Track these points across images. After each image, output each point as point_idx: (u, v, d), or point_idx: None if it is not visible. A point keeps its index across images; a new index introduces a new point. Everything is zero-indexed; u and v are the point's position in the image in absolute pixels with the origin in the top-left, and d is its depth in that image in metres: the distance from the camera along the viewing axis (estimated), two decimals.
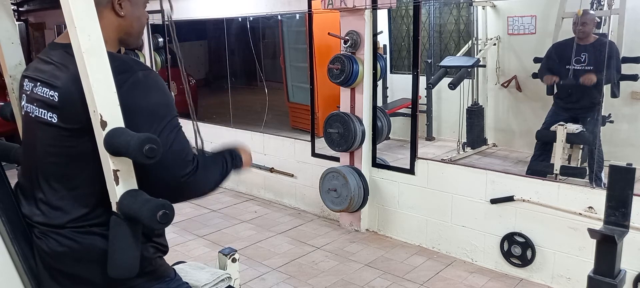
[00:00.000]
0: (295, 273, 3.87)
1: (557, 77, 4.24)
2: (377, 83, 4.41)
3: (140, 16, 1.54)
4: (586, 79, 4.04)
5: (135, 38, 1.56)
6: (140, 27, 1.56)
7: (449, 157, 5.20)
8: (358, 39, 4.23)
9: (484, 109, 5.82)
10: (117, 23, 1.47)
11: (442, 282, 3.71)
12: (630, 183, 1.88)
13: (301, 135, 5.40)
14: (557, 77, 4.23)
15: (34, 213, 1.50)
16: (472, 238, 3.94)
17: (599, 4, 4.43)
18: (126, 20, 1.49)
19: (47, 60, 1.46)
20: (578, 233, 3.38)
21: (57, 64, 1.43)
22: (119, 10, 1.46)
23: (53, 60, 1.45)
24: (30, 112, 1.48)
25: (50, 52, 1.48)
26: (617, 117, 4.48)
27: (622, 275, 1.93)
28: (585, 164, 4.14)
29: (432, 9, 6.13)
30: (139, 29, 1.56)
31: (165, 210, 1.31)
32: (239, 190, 5.86)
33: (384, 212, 4.49)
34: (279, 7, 5.21)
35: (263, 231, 4.70)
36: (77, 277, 1.49)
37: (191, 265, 1.98)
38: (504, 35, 5.61)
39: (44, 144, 1.46)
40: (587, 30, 4.08)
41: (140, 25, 1.55)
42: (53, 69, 1.43)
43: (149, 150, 1.26)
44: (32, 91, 1.46)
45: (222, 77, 6.40)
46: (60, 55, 1.44)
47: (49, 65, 1.45)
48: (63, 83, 1.39)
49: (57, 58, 1.44)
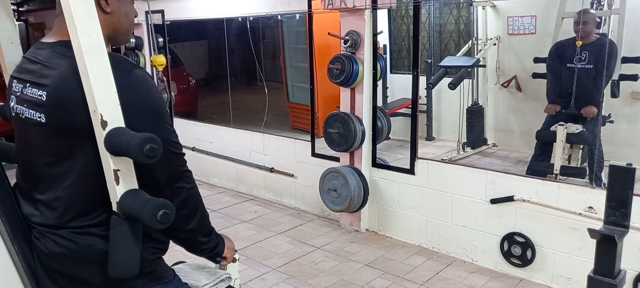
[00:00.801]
0: (295, 273, 3.87)
1: (559, 107, 4.29)
2: (377, 83, 4.41)
3: (127, 12, 1.52)
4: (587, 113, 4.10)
5: (124, 35, 1.54)
6: (128, 24, 1.54)
7: (449, 157, 5.20)
8: (358, 39, 4.23)
9: (484, 109, 5.82)
10: (104, 19, 1.42)
11: (442, 282, 3.71)
12: (630, 183, 1.88)
13: (301, 135, 5.40)
14: (559, 106, 4.29)
15: (32, 214, 1.50)
16: (472, 238, 3.94)
17: (599, 3, 4.44)
18: (113, 17, 1.47)
19: (34, 60, 1.44)
20: (578, 233, 3.38)
21: (45, 63, 1.41)
22: (105, 6, 1.45)
23: (40, 59, 1.43)
24: (20, 113, 1.46)
25: (37, 52, 1.46)
26: (617, 117, 4.48)
27: (622, 275, 1.93)
28: (585, 164, 4.15)
29: (432, 9, 6.13)
30: (127, 25, 1.54)
31: (166, 210, 1.31)
32: (239, 190, 5.86)
33: (384, 212, 4.49)
34: (279, 7, 5.20)
35: (263, 231, 4.70)
36: (76, 278, 1.48)
37: (191, 265, 1.97)
38: (504, 35, 5.61)
39: (35, 144, 1.45)
40: (588, 30, 4.09)
41: (128, 22, 1.54)
42: (40, 69, 1.41)
43: (149, 150, 1.26)
44: (22, 92, 1.45)
45: (222, 77, 6.40)
46: (47, 55, 1.42)
47: (36, 65, 1.43)
48: (51, 82, 1.37)
49: (44, 57, 1.42)
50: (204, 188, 5.91)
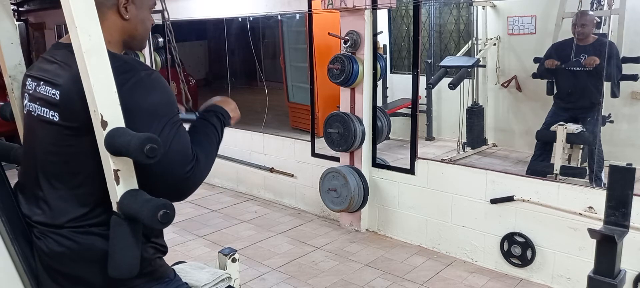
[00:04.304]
0: (295, 273, 3.87)
1: (558, 61, 4.21)
2: (377, 83, 4.41)
3: (144, 19, 1.54)
4: (589, 62, 4.02)
5: (139, 41, 1.56)
6: (144, 31, 1.56)
7: (449, 157, 5.19)
8: (358, 39, 4.23)
9: (484, 109, 5.82)
10: (121, 25, 1.47)
11: (442, 282, 3.71)
12: (630, 183, 1.88)
13: (301, 135, 5.40)
14: (559, 61, 4.20)
15: (33, 213, 1.51)
16: (472, 238, 3.94)
17: (599, 4, 4.44)
18: (131, 23, 1.50)
19: (51, 60, 1.47)
20: (578, 233, 3.38)
21: (60, 63, 1.43)
22: (124, 13, 1.47)
23: (56, 59, 1.45)
24: (32, 111, 1.48)
25: (54, 52, 1.49)
26: (617, 117, 4.48)
27: (622, 275, 1.93)
28: (585, 164, 4.15)
29: (432, 9, 6.13)
30: (143, 32, 1.56)
31: (166, 210, 1.31)
32: (239, 190, 5.86)
33: (384, 212, 4.49)
34: (279, 7, 5.20)
35: (263, 231, 4.70)
36: (76, 278, 1.48)
37: (191, 265, 1.98)
38: (504, 35, 5.60)
39: (45, 142, 1.46)
40: (586, 31, 4.08)
41: (144, 29, 1.56)
42: (56, 68, 1.43)
43: (149, 150, 1.26)
44: (35, 90, 1.47)
45: (222, 77, 6.40)
46: (63, 55, 1.44)
47: (52, 65, 1.46)
48: (64, 81, 1.39)
49: (60, 57, 1.45)
50: (204, 188, 5.91)
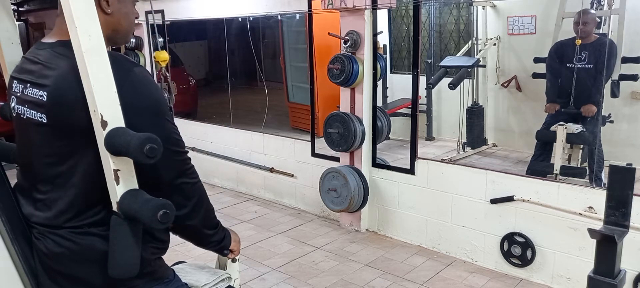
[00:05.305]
0: (295, 273, 3.87)
1: (558, 106, 4.30)
2: (377, 83, 4.40)
3: (128, 13, 1.52)
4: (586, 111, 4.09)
5: (124, 35, 1.54)
6: (128, 24, 1.54)
7: (449, 157, 5.19)
8: (358, 39, 4.23)
9: (484, 109, 5.82)
10: (104, 20, 1.42)
11: (442, 282, 3.71)
12: (630, 183, 1.88)
13: (301, 135, 5.40)
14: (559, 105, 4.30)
15: (32, 214, 1.50)
16: (472, 238, 3.94)
17: (599, 3, 4.44)
18: (113, 17, 1.47)
19: (34, 60, 1.44)
20: (578, 233, 3.38)
21: (45, 63, 1.41)
22: (106, 7, 1.45)
23: (40, 60, 1.43)
24: (21, 114, 1.46)
25: (37, 52, 1.46)
26: (617, 117, 4.48)
27: (622, 275, 1.93)
28: (585, 164, 4.14)
29: (432, 9, 6.13)
30: (127, 26, 1.53)
31: (166, 210, 1.31)
32: (239, 190, 5.86)
33: (384, 212, 4.49)
34: (279, 7, 5.20)
35: (263, 231, 4.70)
36: (76, 278, 1.48)
37: (191, 265, 1.98)
38: (504, 35, 5.60)
39: (37, 144, 1.45)
40: (588, 30, 4.09)
41: (128, 22, 1.53)
42: (41, 69, 1.41)
43: (149, 150, 1.26)
44: (23, 93, 1.45)
45: (222, 77, 6.40)
46: (47, 55, 1.42)
47: (36, 65, 1.43)
48: (51, 82, 1.37)
49: (44, 58, 1.42)
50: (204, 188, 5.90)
